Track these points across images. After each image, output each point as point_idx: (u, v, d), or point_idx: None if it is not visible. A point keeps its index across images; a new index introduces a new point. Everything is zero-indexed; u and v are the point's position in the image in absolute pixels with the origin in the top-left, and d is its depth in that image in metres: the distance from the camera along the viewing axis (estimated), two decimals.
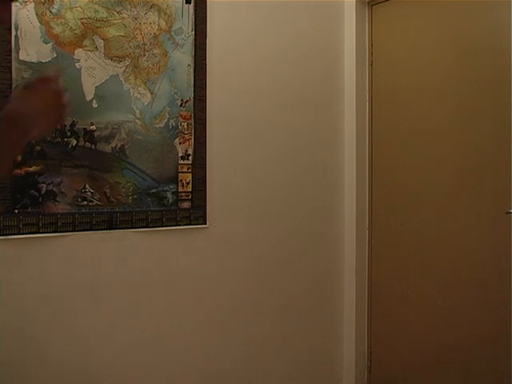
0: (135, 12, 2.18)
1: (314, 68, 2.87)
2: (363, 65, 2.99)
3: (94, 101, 2.08)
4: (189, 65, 2.33)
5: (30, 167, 1.95)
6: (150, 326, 2.24)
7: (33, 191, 1.96)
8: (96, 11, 2.09)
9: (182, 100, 2.31)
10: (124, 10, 2.15)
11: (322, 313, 2.91)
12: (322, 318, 2.92)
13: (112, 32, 2.13)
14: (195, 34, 2.34)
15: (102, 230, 2.10)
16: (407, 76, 2.74)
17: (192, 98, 2.34)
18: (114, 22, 2.13)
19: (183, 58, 2.31)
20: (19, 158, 1.90)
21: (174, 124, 2.28)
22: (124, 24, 2.15)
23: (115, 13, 2.13)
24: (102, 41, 2.11)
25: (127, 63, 2.16)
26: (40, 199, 1.97)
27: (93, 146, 2.08)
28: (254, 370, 2.60)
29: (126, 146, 2.15)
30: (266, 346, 2.65)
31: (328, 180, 2.94)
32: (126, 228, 2.16)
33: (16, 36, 1.91)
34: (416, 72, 2.69)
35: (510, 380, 2.35)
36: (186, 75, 2.32)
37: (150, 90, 2.22)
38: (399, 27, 2.83)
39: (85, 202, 2.07)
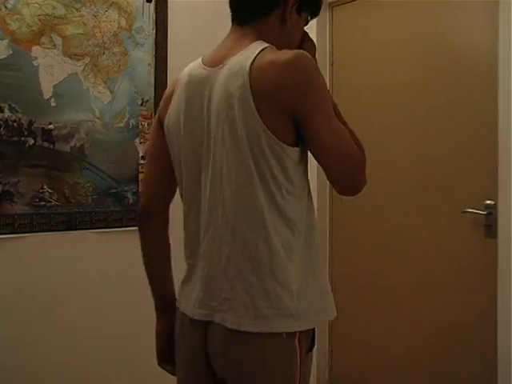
0: (94, 10, 2.15)
1: None
2: (324, 65, 3.02)
3: (53, 99, 2.05)
4: (149, 64, 2.31)
5: None
6: (110, 328, 2.22)
7: None
8: (54, 8, 2.05)
9: (142, 99, 2.29)
10: (83, 8, 2.12)
11: None
12: None
13: (71, 29, 2.09)
14: (156, 33, 2.32)
15: (60, 230, 2.07)
16: (367, 76, 2.78)
17: (153, 98, 2.32)
18: (73, 19, 2.10)
19: (144, 57, 2.29)
20: None
21: (134, 123, 2.27)
22: (83, 22, 2.12)
23: (74, 10, 2.10)
24: (61, 38, 2.07)
25: (86, 61, 2.13)
26: None
27: (51, 146, 2.05)
28: None
29: (86, 146, 2.12)
30: None
31: None
32: (85, 229, 2.13)
33: None
34: (376, 72, 2.72)
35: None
36: (146, 74, 2.30)
37: (109, 89, 2.19)
38: (359, 28, 2.87)
39: (43, 203, 2.03)
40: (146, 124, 2.30)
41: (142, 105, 2.29)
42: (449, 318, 2.52)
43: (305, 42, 1.32)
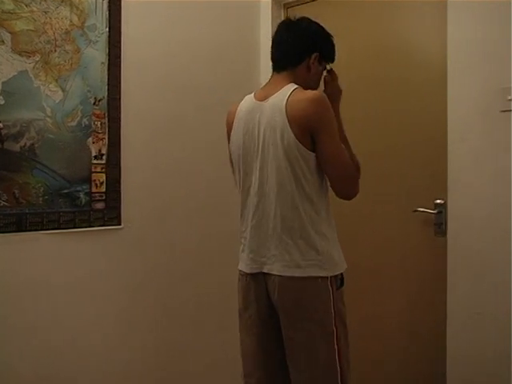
0: (45, 6, 2.10)
1: (230, 68, 2.88)
2: None
3: (1, 97, 1.98)
4: (102, 62, 2.27)
5: None
6: (63, 329, 2.17)
7: None
8: (2, 2, 1.98)
9: (95, 98, 2.25)
10: (33, 3, 2.06)
11: (236, 313, 2.93)
12: (237, 319, 2.94)
13: (20, 25, 2.03)
14: (109, 31, 2.28)
15: (10, 232, 2.01)
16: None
17: (106, 97, 2.28)
18: (23, 15, 2.04)
19: (97, 55, 2.25)
20: None
21: (86, 123, 2.22)
22: (33, 18, 2.07)
23: (23, 5, 2.04)
24: (9, 34, 2.01)
25: (37, 59, 2.07)
26: None
27: (0, 145, 1.99)
28: (170, 373, 2.58)
29: (36, 145, 2.07)
30: (182, 348, 2.64)
31: None
32: (36, 230, 2.08)
33: None
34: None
35: None
36: (99, 73, 2.26)
37: (61, 87, 2.14)
38: None
39: None
40: (98, 123, 2.26)
41: (94, 104, 2.25)
42: (399, 314, 2.58)
43: (328, 84, 1.95)
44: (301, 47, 1.85)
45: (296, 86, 1.76)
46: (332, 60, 1.94)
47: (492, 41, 2.16)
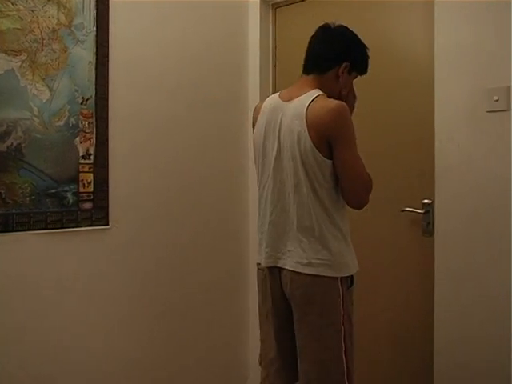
0: (32, 4, 2.08)
1: (219, 68, 2.88)
2: (267, 66, 3.04)
3: None
4: (90, 62, 2.26)
5: None
6: (49, 331, 2.15)
7: None
8: None
9: (82, 98, 2.23)
10: (19, 2, 2.04)
11: (226, 312, 2.94)
12: (227, 318, 2.95)
13: (6, 24, 2.02)
14: (97, 30, 2.27)
15: None
16: None
17: (93, 96, 2.27)
18: (9, 13, 2.02)
19: (84, 54, 2.23)
20: None
21: (74, 122, 2.21)
22: (20, 16, 2.05)
23: (9, 4, 2.02)
24: None
25: (24, 58, 2.06)
26: None
27: None
28: (158, 370, 2.58)
29: (23, 145, 2.05)
30: (170, 347, 2.63)
31: (233, 180, 2.97)
32: (23, 230, 2.06)
33: None
34: None
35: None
36: (87, 72, 2.24)
37: (48, 86, 2.13)
38: (301, 29, 2.90)
39: None
40: (86, 123, 2.25)
41: (82, 103, 2.23)
42: (386, 313, 2.59)
43: (350, 94, 1.96)
44: (331, 54, 1.88)
45: (320, 93, 1.81)
46: (363, 72, 1.96)
47: (479, 42, 2.18)
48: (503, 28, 2.12)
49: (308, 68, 1.92)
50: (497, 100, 2.12)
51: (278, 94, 1.96)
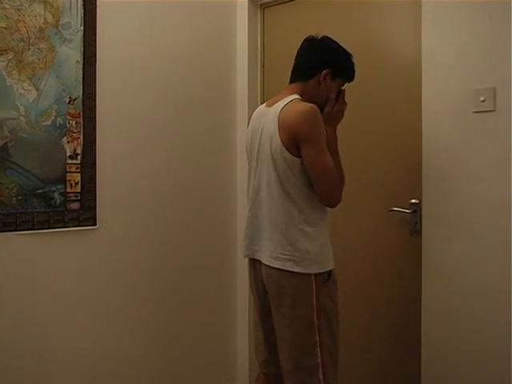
0: (18, 3, 2.06)
1: (207, 68, 2.88)
2: (255, 66, 3.04)
3: None
4: (77, 61, 2.24)
5: None
6: (37, 334, 2.14)
7: None
8: None
9: (70, 97, 2.22)
10: (5, 0, 2.03)
11: (215, 312, 2.94)
12: (215, 318, 2.94)
13: None
14: (84, 30, 2.25)
15: None
16: None
17: (81, 96, 2.26)
18: None
19: (71, 53, 2.22)
20: None
21: (61, 122, 2.19)
22: (6, 15, 2.03)
23: None
24: None
25: (10, 57, 2.04)
26: None
27: None
28: (147, 370, 2.57)
29: (10, 145, 2.04)
30: (158, 347, 2.62)
31: (221, 179, 2.97)
32: (9, 231, 2.04)
33: None
34: None
35: None
36: (74, 72, 2.23)
37: (35, 86, 2.11)
38: (289, 30, 2.91)
39: None
40: (73, 123, 2.23)
41: (69, 103, 2.22)
42: (374, 313, 2.60)
43: (339, 101, 2.04)
44: (313, 62, 2.00)
45: (295, 97, 1.93)
46: (349, 79, 2.06)
47: (466, 42, 2.19)
48: (490, 29, 2.13)
49: (292, 76, 2.06)
50: (483, 101, 2.14)
51: (266, 102, 2.10)
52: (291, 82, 2.05)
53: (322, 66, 1.98)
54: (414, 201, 2.40)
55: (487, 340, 2.15)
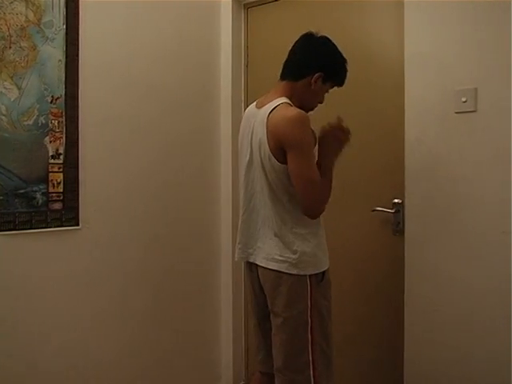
0: None
1: (191, 68, 2.87)
2: (239, 66, 3.04)
3: None
4: (60, 60, 2.22)
5: None
6: (18, 335, 2.12)
7: None
8: None
9: (52, 97, 2.20)
10: None
11: (199, 314, 2.93)
12: (199, 317, 2.94)
13: None
14: (67, 29, 2.23)
15: None
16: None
17: (63, 95, 2.24)
18: None
19: (54, 52, 2.20)
20: None
21: (43, 121, 2.17)
22: None
23: None
24: None
25: None
26: None
27: None
28: (131, 369, 2.56)
29: None
30: (142, 347, 2.61)
31: (205, 179, 2.97)
32: None
33: None
34: None
35: None
36: (56, 71, 2.21)
37: (17, 85, 2.09)
38: (273, 29, 2.92)
39: None
40: (56, 122, 2.21)
41: (52, 102, 2.20)
42: (357, 313, 2.61)
43: (336, 126, 2.01)
44: (307, 62, 1.96)
45: (283, 101, 1.90)
46: (339, 82, 2.02)
47: (448, 43, 2.21)
48: (472, 30, 2.16)
49: (283, 74, 2.01)
50: (465, 101, 2.16)
51: (255, 102, 2.07)
52: (281, 78, 2.01)
53: (315, 67, 1.94)
54: (396, 201, 2.42)
55: (471, 338, 2.18)
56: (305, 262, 1.88)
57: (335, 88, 2.07)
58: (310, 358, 1.88)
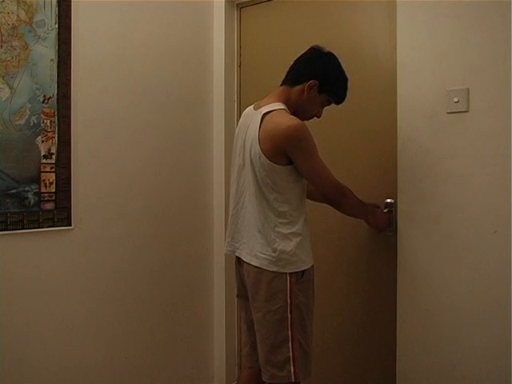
0: None
1: (184, 68, 2.87)
2: (232, 66, 3.04)
3: None
4: (52, 60, 2.22)
5: None
6: (8, 335, 2.10)
7: None
8: None
9: (44, 96, 2.19)
10: None
11: (192, 314, 2.93)
12: (192, 318, 2.93)
13: None
14: (59, 28, 2.23)
15: None
16: (274, 77, 2.82)
17: (55, 95, 2.23)
18: None
19: (46, 52, 2.19)
20: None
21: (35, 121, 2.16)
22: None
23: None
24: None
25: None
26: None
27: None
28: (123, 370, 2.55)
29: None
30: (134, 347, 2.61)
31: (197, 181, 2.96)
32: None
33: None
34: (282, 73, 2.78)
35: None
36: (49, 70, 2.20)
37: (8, 84, 2.08)
38: (266, 30, 2.92)
39: None
40: (48, 122, 2.20)
41: (44, 102, 2.19)
42: (350, 312, 2.62)
43: (376, 213, 2.34)
44: (304, 69, 2.05)
45: (280, 107, 1.99)
46: (336, 100, 2.11)
47: (440, 43, 2.22)
48: (464, 30, 2.16)
49: (284, 79, 2.11)
50: (457, 102, 2.17)
51: (254, 104, 2.15)
52: (281, 83, 2.12)
53: (311, 75, 2.02)
54: (389, 200, 2.42)
55: (462, 337, 2.18)
56: (284, 260, 1.95)
57: (333, 105, 2.14)
58: (291, 355, 1.93)
